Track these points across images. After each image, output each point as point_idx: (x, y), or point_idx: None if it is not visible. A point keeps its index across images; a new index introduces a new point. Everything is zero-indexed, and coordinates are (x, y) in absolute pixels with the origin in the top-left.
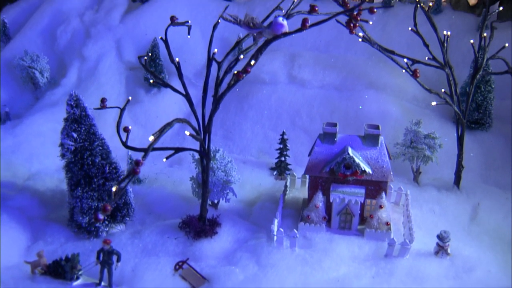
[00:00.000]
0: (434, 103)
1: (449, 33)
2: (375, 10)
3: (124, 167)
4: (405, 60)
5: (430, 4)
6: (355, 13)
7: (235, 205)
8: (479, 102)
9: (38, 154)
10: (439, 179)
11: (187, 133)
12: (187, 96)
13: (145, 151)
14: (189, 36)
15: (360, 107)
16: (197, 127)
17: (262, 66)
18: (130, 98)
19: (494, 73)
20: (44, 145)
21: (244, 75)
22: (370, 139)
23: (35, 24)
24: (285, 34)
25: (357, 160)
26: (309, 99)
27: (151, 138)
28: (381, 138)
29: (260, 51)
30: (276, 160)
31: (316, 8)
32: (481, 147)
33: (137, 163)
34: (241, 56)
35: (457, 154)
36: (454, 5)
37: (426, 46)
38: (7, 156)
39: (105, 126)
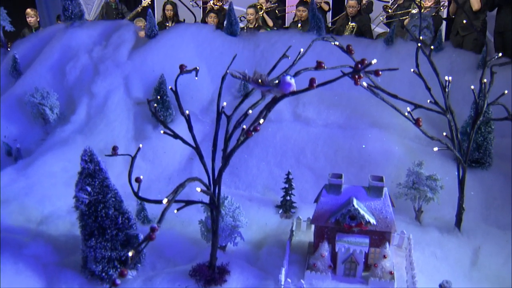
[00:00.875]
0: (436, 149)
1: (450, 78)
2: (380, 73)
3: (132, 205)
4: (408, 109)
5: (432, 47)
6: (359, 66)
7: (243, 247)
8: (480, 142)
9: (50, 195)
10: (441, 219)
11: (198, 189)
12: (197, 149)
13: (160, 216)
14: (196, 78)
15: (364, 146)
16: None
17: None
18: (141, 146)
19: (495, 119)
20: (55, 186)
21: (253, 133)
22: (375, 190)
23: (45, 60)
24: (293, 93)
25: (362, 211)
26: (313, 137)
27: (165, 201)
28: (385, 189)
29: (268, 108)
30: (282, 199)
31: (323, 65)
32: (481, 185)
33: (153, 230)
34: (250, 111)
35: (458, 197)
36: (455, 43)
37: (428, 89)
38: (20, 199)
39: (114, 163)
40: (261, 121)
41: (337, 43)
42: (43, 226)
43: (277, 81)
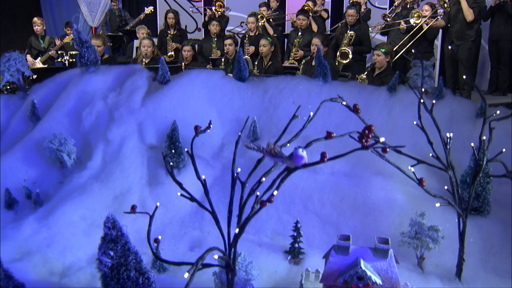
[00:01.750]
0: (438, 205)
1: (451, 134)
2: (387, 150)
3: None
4: (412, 169)
5: (434, 101)
6: (366, 131)
7: None
8: (479, 192)
9: (71, 246)
10: (442, 266)
11: (216, 256)
12: (213, 214)
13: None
14: (209, 130)
15: (369, 194)
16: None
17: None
18: (158, 204)
19: (494, 175)
20: (75, 236)
21: (267, 203)
22: (381, 252)
23: (62, 106)
24: (305, 166)
25: (369, 273)
26: (320, 185)
27: (186, 275)
28: (390, 251)
29: (282, 179)
30: (290, 246)
31: (333, 135)
32: (480, 232)
33: None
34: (263, 179)
35: (458, 248)
36: (448, 52)
37: (430, 143)
38: (43, 251)
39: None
40: (275, 192)
41: (344, 102)
42: (65, 279)
43: (289, 154)
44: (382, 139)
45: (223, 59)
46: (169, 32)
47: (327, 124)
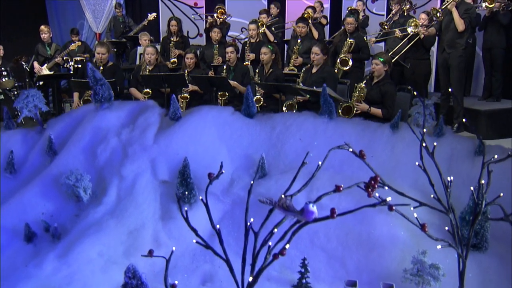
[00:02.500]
0: (439, 247)
1: (452, 178)
2: (393, 208)
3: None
4: (415, 216)
5: (435, 143)
6: (373, 181)
7: None
8: (477, 230)
9: (90, 284)
10: None
11: None
12: (227, 262)
13: None
14: (223, 171)
15: (372, 230)
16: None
17: (283, 189)
18: (174, 248)
19: (492, 219)
20: (94, 273)
21: (280, 256)
22: None
23: (78, 141)
24: (316, 220)
25: None
26: (326, 221)
27: None
28: None
29: (293, 233)
30: (298, 281)
31: (341, 188)
32: (479, 267)
33: None
34: (275, 230)
35: (458, 286)
36: (441, 60)
37: (432, 185)
38: None
39: (144, 242)
40: (287, 246)
41: (350, 149)
42: None
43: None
44: (388, 199)
45: (224, 66)
46: (172, 39)
47: (332, 160)
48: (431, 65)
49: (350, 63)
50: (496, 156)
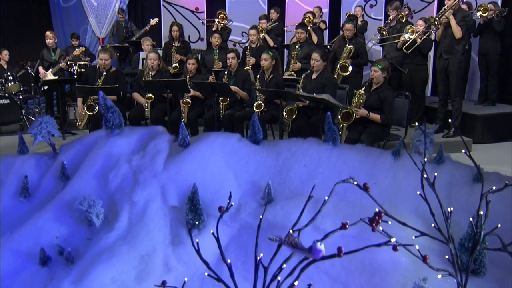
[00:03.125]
0: (439, 276)
1: (452, 209)
2: (397, 249)
3: None
4: (417, 247)
5: (435, 174)
6: (376, 217)
7: None
8: (476, 257)
9: None
10: None
11: None
12: None
13: None
14: (230, 206)
15: (375, 256)
16: None
17: (289, 215)
18: (186, 279)
19: (490, 249)
20: None
21: None
22: None
23: (90, 168)
24: (323, 258)
25: None
26: (330, 247)
27: None
28: None
29: (302, 270)
30: None
31: (347, 226)
32: None
33: None
34: (284, 265)
35: None
36: (439, 66)
37: (433, 215)
38: None
39: (155, 267)
40: (296, 282)
41: (355, 183)
42: None
43: (308, 247)
44: (393, 239)
45: (226, 72)
46: (173, 44)
47: (337, 186)
48: (428, 71)
49: (350, 68)
50: (494, 188)
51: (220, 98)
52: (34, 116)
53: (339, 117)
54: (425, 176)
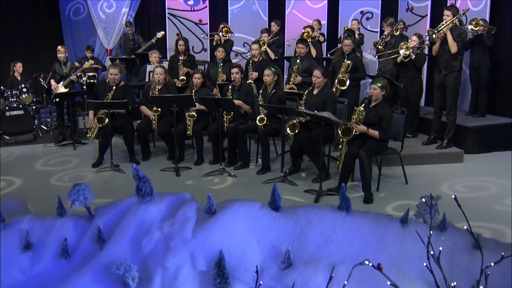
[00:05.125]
0: None
1: (455, 283)
2: None
3: None
4: None
5: (440, 248)
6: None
7: None
8: None
9: None
10: None
11: None
12: None
13: None
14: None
15: None
16: None
17: (307, 281)
18: None
19: None
20: None
21: None
22: None
23: (125, 233)
24: None
25: None
26: None
27: None
28: None
29: None
30: None
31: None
32: None
33: None
34: None
35: None
36: (437, 80)
37: (437, 286)
38: None
39: None
40: None
41: (370, 264)
42: None
43: None
44: None
45: (230, 87)
46: (180, 58)
47: (349, 252)
48: (423, 83)
49: (348, 83)
50: (492, 264)
51: (224, 112)
52: (47, 125)
53: (340, 132)
54: (432, 252)
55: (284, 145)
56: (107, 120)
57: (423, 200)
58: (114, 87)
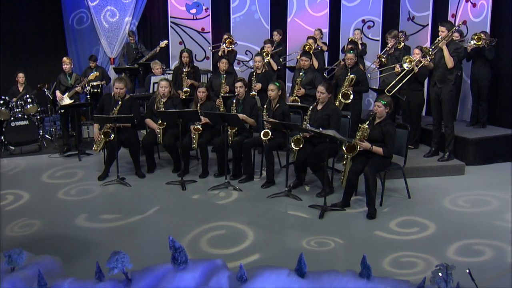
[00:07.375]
0: None
1: None
2: None
3: None
4: None
5: None
6: None
7: None
8: None
9: None
10: None
11: None
12: None
13: None
14: None
15: None
16: None
17: None
18: None
19: None
20: None
21: None
22: None
23: None
24: None
25: None
26: None
27: None
28: None
29: None
30: None
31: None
32: None
33: None
34: None
35: None
36: (433, 94)
37: None
38: None
39: None
40: None
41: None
42: None
43: None
44: None
45: (234, 101)
46: (184, 69)
47: None
48: (424, 95)
49: (351, 97)
50: None
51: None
52: (51, 135)
53: (344, 149)
54: None
55: (288, 157)
56: (113, 135)
57: (439, 268)
58: (120, 102)
